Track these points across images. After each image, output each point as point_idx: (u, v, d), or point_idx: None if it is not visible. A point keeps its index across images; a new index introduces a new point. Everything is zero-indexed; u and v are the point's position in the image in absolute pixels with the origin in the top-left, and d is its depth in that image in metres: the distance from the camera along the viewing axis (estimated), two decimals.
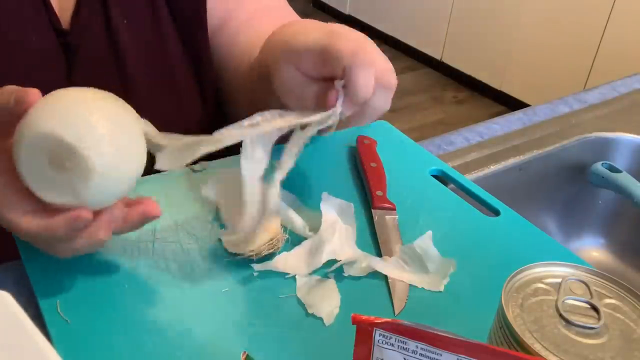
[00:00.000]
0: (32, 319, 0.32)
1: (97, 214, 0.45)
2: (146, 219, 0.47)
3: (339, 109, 0.51)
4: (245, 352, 0.40)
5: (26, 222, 0.44)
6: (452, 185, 0.66)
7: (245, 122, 0.50)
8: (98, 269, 0.51)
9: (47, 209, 0.44)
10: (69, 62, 0.64)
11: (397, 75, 0.54)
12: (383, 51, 0.54)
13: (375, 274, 0.53)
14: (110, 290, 0.49)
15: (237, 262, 0.53)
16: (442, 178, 0.67)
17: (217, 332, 0.47)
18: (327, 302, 0.49)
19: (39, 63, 0.63)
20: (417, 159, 0.67)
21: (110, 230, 0.46)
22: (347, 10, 3.69)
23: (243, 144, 0.49)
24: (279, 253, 0.54)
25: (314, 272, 0.52)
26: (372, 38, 0.54)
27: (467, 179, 0.67)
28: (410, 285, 0.52)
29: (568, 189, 0.85)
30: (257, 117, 0.51)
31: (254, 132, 0.50)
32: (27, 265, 0.51)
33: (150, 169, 0.49)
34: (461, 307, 0.51)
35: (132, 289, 0.50)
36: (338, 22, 0.73)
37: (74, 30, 0.64)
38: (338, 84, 0.51)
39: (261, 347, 0.45)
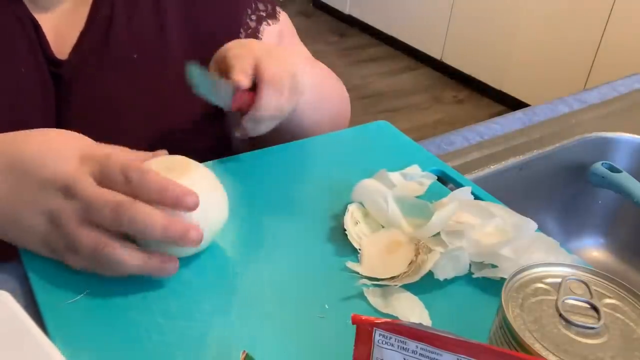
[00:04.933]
0: (32, 319, 0.32)
1: None
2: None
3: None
4: (245, 351, 0.40)
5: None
6: (451, 185, 0.66)
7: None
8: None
9: None
10: (60, 94, 0.63)
11: (397, 75, 0.56)
12: (383, 51, 0.55)
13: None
14: (109, 290, 0.49)
15: (235, 261, 0.53)
16: (442, 178, 0.67)
17: (216, 332, 0.47)
18: (416, 313, 0.49)
19: (27, 93, 0.61)
20: (417, 159, 0.67)
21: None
22: (347, 10, 3.69)
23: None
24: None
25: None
26: (372, 38, 0.55)
27: (467, 179, 0.67)
28: (411, 284, 0.52)
29: (568, 189, 0.85)
30: None
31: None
32: (27, 265, 0.51)
33: None
34: (461, 307, 0.51)
35: (131, 289, 0.50)
36: (338, 22, 0.74)
37: (69, 62, 0.62)
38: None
39: (261, 346, 0.45)
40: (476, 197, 0.61)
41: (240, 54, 0.59)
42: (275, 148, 0.70)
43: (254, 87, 0.59)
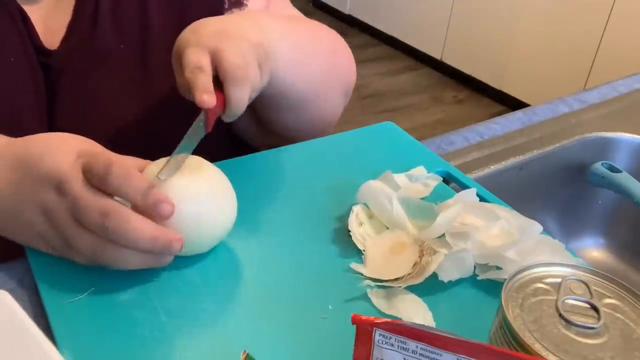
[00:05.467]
0: (32, 319, 0.32)
1: None
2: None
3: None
4: (245, 351, 0.40)
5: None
6: (453, 184, 0.66)
7: None
8: (103, 267, 0.51)
9: None
10: (50, 84, 0.63)
11: (397, 75, 0.55)
12: (383, 51, 0.55)
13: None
14: (114, 288, 0.49)
15: (239, 260, 0.53)
16: (447, 179, 0.67)
17: (220, 331, 0.47)
18: (420, 315, 0.49)
19: (18, 82, 0.61)
20: (423, 160, 0.67)
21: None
22: (347, 10, 3.69)
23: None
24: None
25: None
26: (372, 38, 0.54)
27: (473, 180, 0.66)
28: (415, 286, 0.51)
29: (568, 189, 0.85)
30: None
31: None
32: (33, 263, 0.51)
33: None
34: (465, 309, 0.51)
35: (136, 287, 0.50)
36: (338, 22, 0.74)
37: (58, 52, 0.62)
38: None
39: (264, 347, 0.45)
40: (481, 199, 0.61)
41: (193, 58, 0.54)
42: (281, 149, 0.70)
43: (219, 81, 0.55)
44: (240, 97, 0.55)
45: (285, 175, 0.66)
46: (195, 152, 0.53)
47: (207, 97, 0.52)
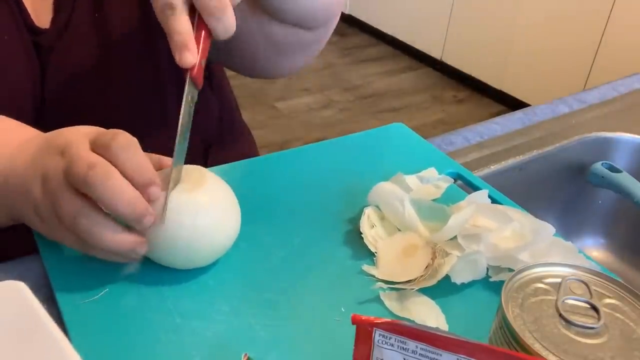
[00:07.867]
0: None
1: None
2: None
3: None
4: (246, 354, 0.40)
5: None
6: (459, 182, 0.66)
7: None
8: (111, 265, 0.51)
9: None
10: (42, 62, 0.62)
11: (397, 75, 0.54)
12: (383, 51, 0.54)
13: None
14: (127, 290, 0.50)
15: (251, 263, 0.54)
16: (455, 178, 0.67)
17: (233, 334, 0.47)
18: (432, 317, 0.49)
19: (11, 60, 0.61)
20: (434, 161, 0.67)
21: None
22: (347, 10, 3.69)
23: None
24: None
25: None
26: (372, 38, 0.54)
27: (484, 182, 0.66)
28: (427, 288, 0.51)
29: (568, 189, 0.85)
30: None
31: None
32: (46, 263, 0.51)
33: None
34: (478, 311, 0.51)
35: (149, 288, 0.50)
36: (338, 22, 0.73)
37: (49, 30, 0.62)
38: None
39: (277, 349, 0.45)
40: (493, 201, 0.61)
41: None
42: (291, 151, 0.70)
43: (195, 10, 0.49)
44: (225, 27, 0.50)
45: (296, 177, 0.65)
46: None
47: (185, 57, 0.47)
